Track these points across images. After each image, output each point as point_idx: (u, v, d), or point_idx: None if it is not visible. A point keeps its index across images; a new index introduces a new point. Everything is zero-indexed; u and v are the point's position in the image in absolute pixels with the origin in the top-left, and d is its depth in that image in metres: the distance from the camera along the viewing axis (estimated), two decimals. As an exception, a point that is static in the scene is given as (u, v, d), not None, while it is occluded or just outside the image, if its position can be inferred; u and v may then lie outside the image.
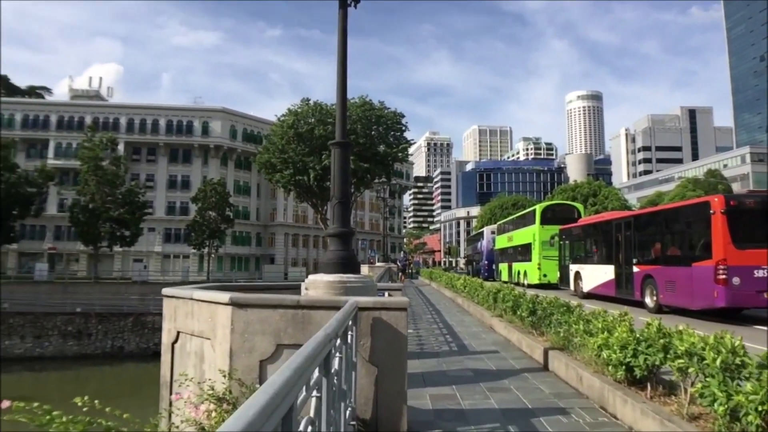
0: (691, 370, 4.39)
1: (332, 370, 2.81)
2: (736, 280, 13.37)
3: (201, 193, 60.99)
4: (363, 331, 4.86)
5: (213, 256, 64.03)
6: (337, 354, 3.21)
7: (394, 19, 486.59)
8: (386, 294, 8.61)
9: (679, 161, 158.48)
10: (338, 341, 3.32)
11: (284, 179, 47.01)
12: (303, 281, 6.40)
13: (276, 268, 74.72)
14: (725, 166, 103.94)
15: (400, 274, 37.82)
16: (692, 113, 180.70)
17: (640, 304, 17.12)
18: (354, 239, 7.70)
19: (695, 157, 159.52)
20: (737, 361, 3.99)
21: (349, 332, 4.08)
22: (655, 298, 16.38)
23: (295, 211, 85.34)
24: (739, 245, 13.50)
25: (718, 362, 4.01)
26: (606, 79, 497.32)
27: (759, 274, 13.44)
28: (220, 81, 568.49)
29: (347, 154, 6.77)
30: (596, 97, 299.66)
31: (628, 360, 5.22)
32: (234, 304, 4.88)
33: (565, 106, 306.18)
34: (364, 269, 35.46)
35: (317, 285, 5.97)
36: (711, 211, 13.94)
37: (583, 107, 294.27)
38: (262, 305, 4.90)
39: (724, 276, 13.42)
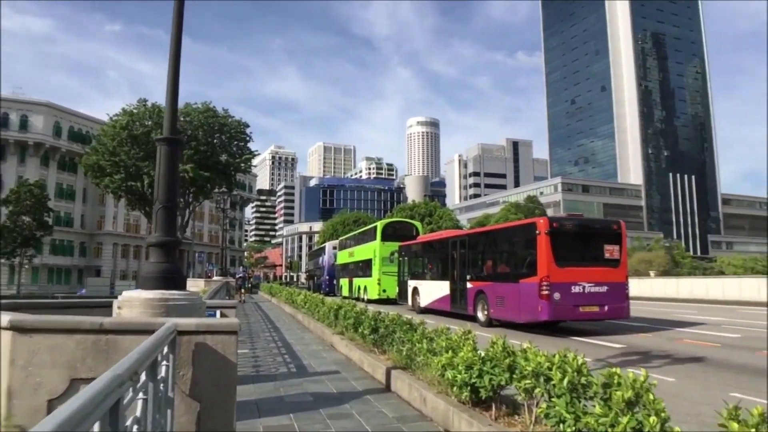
0: (537, 390, 4.18)
1: (127, 423, 2.07)
2: (557, 296, 14.19)
3: (13, 194, 53.94)
4: (183, 359, 4.02)
5: (26, 266, 56.85)
6: (140, 396, 2.45)
7: (245, 28, 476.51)
8: (218, 313, 7.72)
9: (504, 187, 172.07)
10: (143, 378, 2.56)
11: (114, 184, 43.13)
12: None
13: (101, 281, 67.52)
14: (541, 193, 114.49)
15: (239, 289, 36.14)
16: (516, 145, 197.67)
17: (473, 318, 17.67)
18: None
19: (517, 184, 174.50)
20: (583, 380, 3.83)
21: (164, 363, 3.28)
22: (486, 312, 16.98)
23: (126, 220, 78.98)
24: (560, 264, 14.37)
25: (565, 382, 3.82)
26: (444, 108, 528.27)
27: (576, 290, 14.40)
28: (48, 73, 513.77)
29: (176, 152, 5.86)
30: (434, 124, 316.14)
31: (473, 381, 4.94)
32: (15, 328, 3.78)
33: (406, 130, 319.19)
34: (200, 284, 33.35)
35: (132, 303, 4.98)
36: (537, 232, 14.71)
37: (422, 132, 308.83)
38: (53, 329, 3.84)
39: (547, 292, 14.18)
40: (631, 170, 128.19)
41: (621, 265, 15.18)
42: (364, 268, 34.33)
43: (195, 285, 32.57)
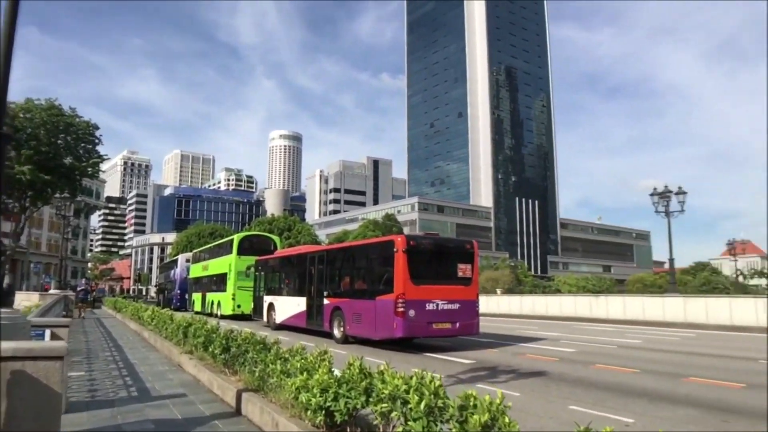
0: (393, 414, 4.05)
1: None
2: (412, 313, 14.43)
3: None
4: (-8, 390, 3.39)
5: None
6: None
7: (99, 23, 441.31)
8: (47, 333, 6.81)
9: (363, 204, 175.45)
10: None
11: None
12: None
13: None
14: (399, 211, 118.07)
15: (79, 303, 32.94)
16: (376, 163, 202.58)
17: (329, 335, 17.49)
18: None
19: (376, 201, 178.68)
20: (440, 403, 3.75)
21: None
22: (342, 329, 16.87)
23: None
24: (416, 281, 14.66)
25: (422, 406, 3.72)
26: (307, 123, 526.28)
27: (430, 307, 14.75)
28: None
29: (3, 149, 5.07)
30: (297, 138, 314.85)
31: (328, 404, 4.71)
32: None
33: (268, 143, 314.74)
34: (33, 298, 29.98)
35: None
36: (395, 249, 14.89)
37: (285, 146, 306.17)
38: None
39: (402, 309, 14.37)
40: (482, 193, 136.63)
41: (473, 284, 15.83)
42: (218, 282, 32.96)
43: (28, 299, 29.17)
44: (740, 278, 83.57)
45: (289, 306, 21.12)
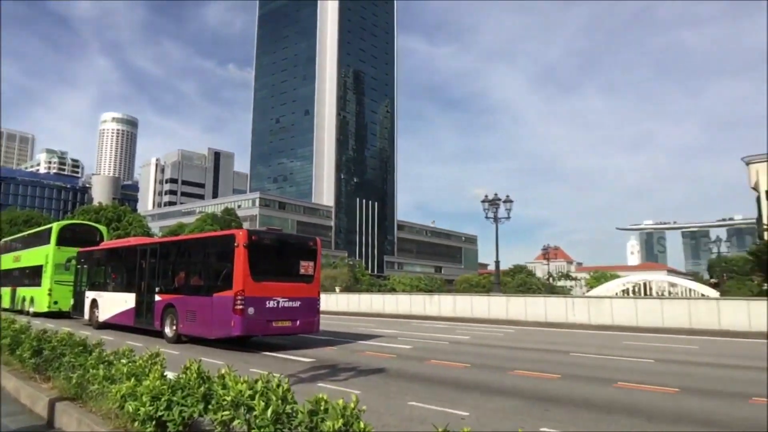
0: (236, 423, 3.68)
1: None
2: (251, 310, 13.88)
3: None
4: None
5: None
6: None
7: None
8: None
9: (202, 197, 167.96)
10: None
11: None
12: None
13: None
14: (239, 206, 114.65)
15: None
16: (217, 155, 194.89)
17: (160, 334, 16.29)
18: None
19: (216, 195, 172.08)
20: (288, 409, 3.47)
21: None
22: (175, 327, 15.80)
23: None
24: (256, 278, 14.12)
25: (269, 413, 3.41)
26: (145, 108, 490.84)
27: (270, 304, 14.31)
28: None
29: None
30: (132, 123, 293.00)
31: (160, 413, 4.18)
32: None
33: (99, 125, 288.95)
34: None
35: None
36: (235, 244, 14.23)
37: (118, 130, 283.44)
38: None
39: (241, 306, 13.77)
40: (325, 192, 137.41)
41: (315, 281, 15.65)
42: (32, 275, 29.35)
43: None
44: (550, 280, 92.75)
45: (115, 303, 19.36)
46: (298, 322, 14.88)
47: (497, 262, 32.81)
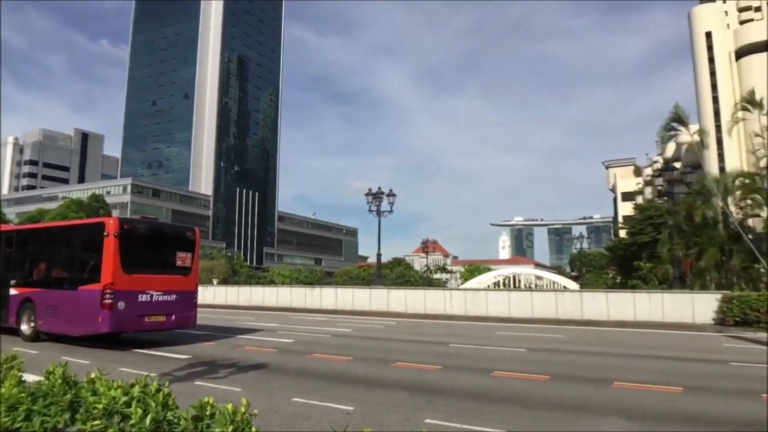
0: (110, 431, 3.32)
1: None
2: (121, 305, 12.94)
3: None
4: None
5: None
6: None
7: None
8: None
9: (66, 181, 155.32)
10: None
11: None
12: None
13: None
14: (108, 192, 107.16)
15: None
16: (85, 137, 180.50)
17: (15, 332, 14.75)
18: None
19: (82, 180, 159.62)
20: (169, 416, 3.19)
21: None
22: (33, 324, 14.38)
23: None
24: (128, 270, 13.18)
25: (147, 421, 3.11)
26: (3, 80, 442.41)
27: (143, 298, 13.45)
28: None
29: None
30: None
31: (18, 425, 3.68)
32: None
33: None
34: None
35: None
36: (105, 233, 13.18)
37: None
38: None
39: (110, 300, 12.79)
40: (203, 180, 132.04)
41: (192, 273, 14.90)
42: None
43: None
44: (427, 273, 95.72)
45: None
46: (173, 317, 14.11)
47: (379, 255, 33.23)
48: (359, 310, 28.35)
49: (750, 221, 29.23)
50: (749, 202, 27.86)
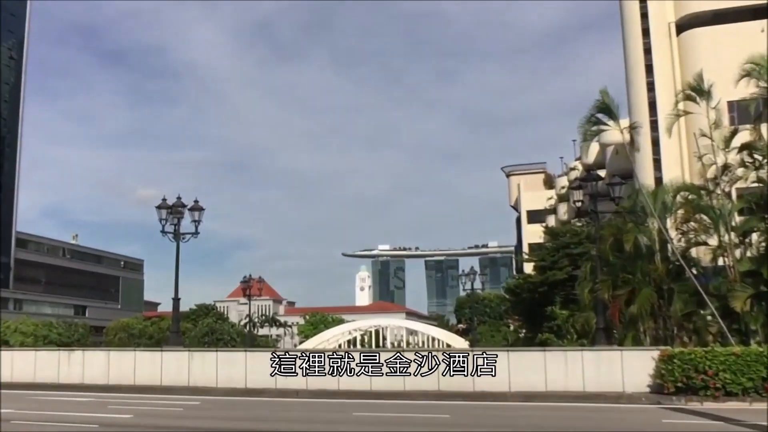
0: None
1: None
2: None
3: None
4: None
5: None
6: None
7: None
8: None
9: None
10: None
11: None
12: None
13: None
14: None
15: None
16: None
17: None
18: None
19: None
20: None
21: None
22: None
23: None
24: None
25: None
26: None
27: None
28: None
29: None
30: None
31: None
32: None
33: None
34: None
35: None
36: None
37: None
38: None
39: None
40: None
41: None
42: None
43: None
44: (250, 327, 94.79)
45: None
46: None
47: (176, 300, 32.06)
48: (146, 385, 27.40)
49: (694, 250, 31.47)
50: (693, 225, 29.96)
